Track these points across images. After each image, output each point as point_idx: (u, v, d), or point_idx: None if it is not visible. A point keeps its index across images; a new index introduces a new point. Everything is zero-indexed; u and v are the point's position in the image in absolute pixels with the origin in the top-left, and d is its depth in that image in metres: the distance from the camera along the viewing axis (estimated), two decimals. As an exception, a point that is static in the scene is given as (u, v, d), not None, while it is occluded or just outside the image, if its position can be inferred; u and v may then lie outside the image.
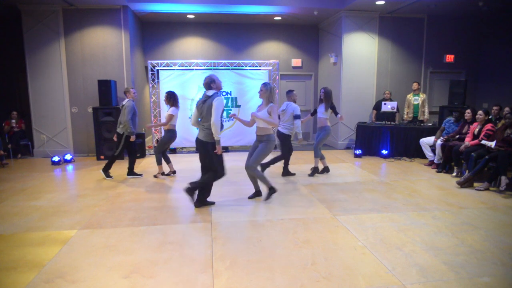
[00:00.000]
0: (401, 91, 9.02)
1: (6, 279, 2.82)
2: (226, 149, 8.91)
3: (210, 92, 4.31)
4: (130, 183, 5.78)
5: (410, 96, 8.44)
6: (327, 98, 6.00)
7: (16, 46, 8.24)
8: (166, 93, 6.01)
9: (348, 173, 6.41)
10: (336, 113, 6.10)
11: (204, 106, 4.28)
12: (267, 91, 4.60)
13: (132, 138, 5.88)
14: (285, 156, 6.01)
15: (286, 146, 5.95)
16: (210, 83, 4.35)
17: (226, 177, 6.08)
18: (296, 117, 5.81)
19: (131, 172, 6.14)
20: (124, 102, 5.94)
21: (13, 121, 7.97)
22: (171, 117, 5.85)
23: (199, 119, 4.43)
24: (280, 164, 6.30)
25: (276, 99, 4.76)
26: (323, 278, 2.80)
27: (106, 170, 6.04)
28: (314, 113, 6.44)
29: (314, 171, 6.20)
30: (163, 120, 6.41)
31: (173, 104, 5.91)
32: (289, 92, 6.06)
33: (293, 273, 2.88)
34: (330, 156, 7.92)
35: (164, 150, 6.19)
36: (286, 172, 6.16)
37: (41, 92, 7.95)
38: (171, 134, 5.99)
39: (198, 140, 4.43)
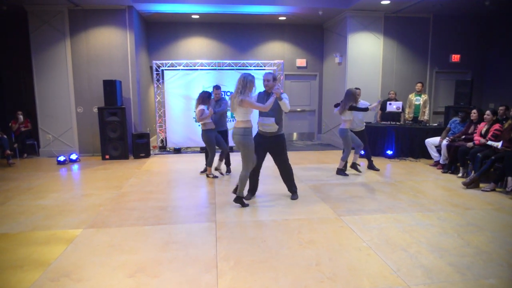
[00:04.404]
0: (406, 91, 8.96)
1: (12, 278, 2.84)
2: (230, 149, 8.91)
3: None
4: (134, 183, 5.80)
5: (412, 96, 8.39)
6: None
7: (22, 46, 8.30)
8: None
9: (352, 173, 6.39)
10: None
11: None
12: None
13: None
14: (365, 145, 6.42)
15: (359, 138, 6.29)
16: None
17: (231, 177, 6.14)
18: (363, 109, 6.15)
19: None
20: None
21: (21, 116, 8.04)
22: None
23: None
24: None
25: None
26: (327, 279, 2.79)
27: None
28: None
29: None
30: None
31: None
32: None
33: (297, 273, 2.88)
34: (335, 156, 7.90)
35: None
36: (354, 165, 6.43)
37: (47, 92, 8.01)
38: None
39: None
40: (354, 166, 6.36)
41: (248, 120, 4.37)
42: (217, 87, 6.29)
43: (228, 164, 6.42)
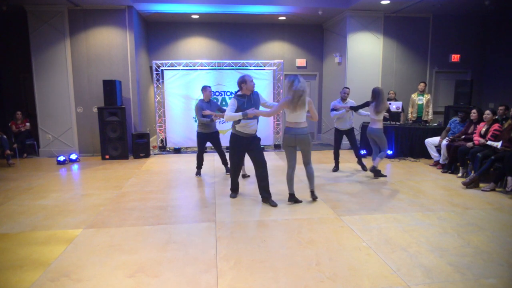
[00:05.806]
0: (406, 91, 8.97)
1: (12, 278, 2.84)
2: (226, 149, 8.91)
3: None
4: (134, 183, 5.80)
5: (414, 96, 8.38)
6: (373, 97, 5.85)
7: (22, 47, 8.30)
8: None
9: (352, 173, 6.39)
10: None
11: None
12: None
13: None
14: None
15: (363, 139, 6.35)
16: (241, 83, 4.54)
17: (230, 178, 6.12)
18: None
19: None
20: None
21: (28, 124, 8.09)
22: None
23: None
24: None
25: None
26: (327, 279, 2.79)
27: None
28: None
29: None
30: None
31: None
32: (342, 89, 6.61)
33: (297, 273, 2.88)
34: (335, 156, 7.90)
35: None
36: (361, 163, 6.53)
37: (46, 92, 8.00)
38: None
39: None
40: (374, 170, 5.97)
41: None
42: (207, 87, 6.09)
43: (225, 164, 6.40)
